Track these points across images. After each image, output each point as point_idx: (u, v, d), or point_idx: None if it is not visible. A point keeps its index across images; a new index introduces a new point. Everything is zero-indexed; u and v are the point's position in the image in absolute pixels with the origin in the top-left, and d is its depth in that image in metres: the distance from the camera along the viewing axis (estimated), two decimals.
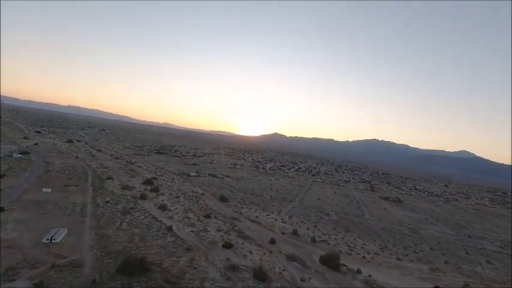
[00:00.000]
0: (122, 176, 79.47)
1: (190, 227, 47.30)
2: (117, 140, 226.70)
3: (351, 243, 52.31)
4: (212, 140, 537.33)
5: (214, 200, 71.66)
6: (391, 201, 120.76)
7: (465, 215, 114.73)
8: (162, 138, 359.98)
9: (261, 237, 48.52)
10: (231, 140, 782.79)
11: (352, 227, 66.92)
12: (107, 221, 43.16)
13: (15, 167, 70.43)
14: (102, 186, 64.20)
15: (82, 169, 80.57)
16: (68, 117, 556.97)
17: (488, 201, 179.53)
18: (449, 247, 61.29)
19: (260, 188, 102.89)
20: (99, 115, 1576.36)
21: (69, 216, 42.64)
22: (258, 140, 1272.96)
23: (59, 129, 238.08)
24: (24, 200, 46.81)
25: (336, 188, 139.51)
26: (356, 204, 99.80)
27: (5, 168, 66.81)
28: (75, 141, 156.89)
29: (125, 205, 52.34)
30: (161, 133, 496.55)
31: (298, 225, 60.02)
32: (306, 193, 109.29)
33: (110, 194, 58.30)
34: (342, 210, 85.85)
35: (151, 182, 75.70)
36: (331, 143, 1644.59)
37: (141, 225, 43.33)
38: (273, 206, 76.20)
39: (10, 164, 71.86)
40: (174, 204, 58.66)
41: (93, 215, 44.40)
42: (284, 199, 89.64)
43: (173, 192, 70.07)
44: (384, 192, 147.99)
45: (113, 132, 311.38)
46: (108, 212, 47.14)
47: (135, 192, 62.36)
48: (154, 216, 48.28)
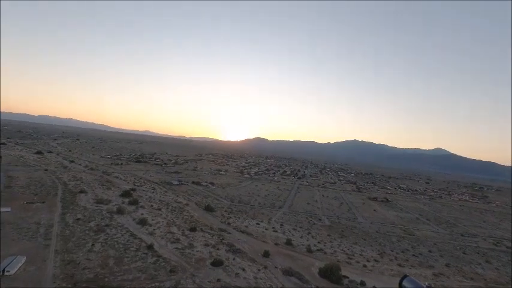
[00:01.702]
0: (96, 189, 72.79)
1: (174, 244, 42.38)
2: (93, 150, 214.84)
3: (349, 251, 49.25)
4: (194, 147, 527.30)
5: (200, 210, 66.74)
6: (380, 201, 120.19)
7: (452, 212, 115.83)
8: (141, 146, 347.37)
9: (253, 250, 44.44)
10: (213, 145, 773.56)
11: (346, 232, 64.11)
12: (77, 242, 37.54)
13: None
14: (73, 201, 57.68)
15: (51, 183, 73.17)
16: (39, 127, 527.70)
17: (469, 197, 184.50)
18: (446, 248, 59.83)
19: (247, 195, 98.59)
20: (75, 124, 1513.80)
21: (30, 239, 36.64)
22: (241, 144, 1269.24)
23: (28, 140, 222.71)
24: None
25: (323, 191, 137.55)
26: (346, 207, 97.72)
27: None
28: (46, 153, 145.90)
29: (99, 222, 46.57)
30: (141, 141, 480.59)
31: (291, 234, 56.37)
32: (295, 197, 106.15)
33: (82, 209, 52.15)
34: (334, 214, 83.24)
35: (129, 193, 69.63)
36: (312, 145, 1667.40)
37: (117, 245, 38.04)
38: (263, 214, 72.21)
39: None
40: (155, 218, 53.38)
41: (60, 237, 38.58)
42: (273, 205, 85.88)
43: (154, 204, 64.51)
44: (371, 193, 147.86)
45: (89, 142, 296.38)
46: (79, 231, 41.36)
47: (111, 206, 56.44)
48: (133, 233, 43.00)
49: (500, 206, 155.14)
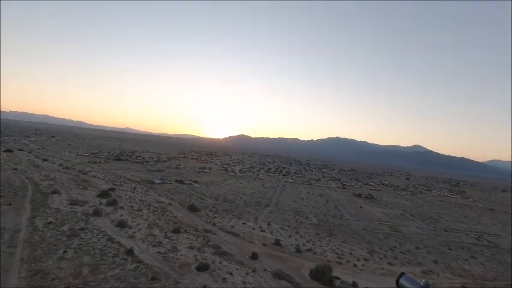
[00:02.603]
0: (71, 189, 67.93)
1: (156, 247, 39.43)
2: (69, 148, 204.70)
3: (338, 250, 48.27)
4: (177, 144, 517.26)
5: (183, 210, 63.84)
6: (365, 198, 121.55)
7: (434, 207, 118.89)
8: (122, 143, 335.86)
9: (241, 251, 42.35)
10: (196, 143, 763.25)
11: (334, 230, 63.47)
12: (47, 249, 33.80)
13: None
14: (44, 203, 52.97)
15: (20, 183, 67.53)
16: (10, 123, 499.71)
17: (448, 192, 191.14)
18: (432, 244, 60.47)
19: (232, 193, 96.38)
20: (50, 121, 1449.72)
21: None
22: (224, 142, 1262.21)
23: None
24: None
25: (308, 188, 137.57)
26: (333, 204, 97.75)
27: None
28: (16, 151, 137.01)
29: (73, 225, 42.70)
30: (121, 138, 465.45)
31: (279, 233, 54.82)
32: (280, 195, 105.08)
33: (54, 212, 47.78)
34: (320, 212, 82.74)
35: (108, 193, 65.38)
36: (296, 142, 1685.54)
37: (93, 251, 34.61)
38: (249, 213, 70.36)
39: None
40: (135, 219, 49.92)
41: (27, 243, 34.62)
42: (259, 204, 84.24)
43: (135, 205, 60.84)
44: (356, 189, 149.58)
45: (65, 139, 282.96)
46: (50, 236, 37.46)
47: (87, 208, 52.30)
48: (111, 237, 39.58)
49: (477, 200, 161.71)
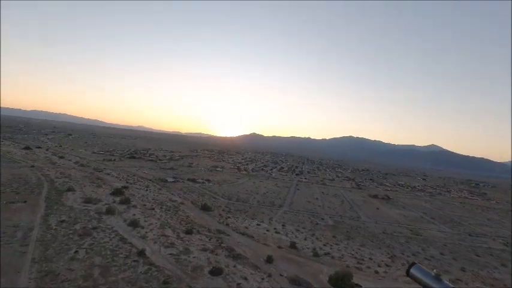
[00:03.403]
0: (86, 187, 68.36)
1: (168, 248, 38.42)
2: (85, 145, 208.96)
3: (357, 254, 45.91)
4: (189, 142, 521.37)
5: (196, 210, 62.92)
6: (381, 199, 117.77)
7: (455, 209, 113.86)
8: (136, 141, 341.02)
9: (255, 254, 40.81)
10: (209, 141, 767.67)
11: (352, 232, 60.98)
12: (58, 248, 33.32)
13: None
14: (59, 200, 53.20)
15: (37, 180, 68.51)
16: (30, 122, 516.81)
17: (468, 194, 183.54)
18: (457, 249, 57.07)
19: (245, 192, 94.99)
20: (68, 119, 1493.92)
21: (4, 246, 32.20)
22: (237, 140, 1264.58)
23: (17, 135, 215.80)
24: None
25: (322, 188, 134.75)
26: (348, 205, 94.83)
27: None
28: (35, 148, 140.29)
29: (86, 224, 42.34)
30: (135, 136, 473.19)
31: (295, 235, 52.94)
32: (294, 195, 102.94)
33: (67, 210, 47.76)
34: (336, 213, 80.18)
35: (121, 191, 65.38)
36: (308, 141, 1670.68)
37: (104, 251, 33.91)
38: (263, 213, 68.72)
39: None
40: (148, 218, 49.32)
41: (39, 242, 34.29)
42: (273, 204, 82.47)
43: (147, 203, 60.46)
44: (371, 190, 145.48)
45: (81, 137, 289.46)
46: (62, 235, 37.09)
47: (101, 206, 52.14)
48: (123, 237, 38.89)
49: (500, 203, 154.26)
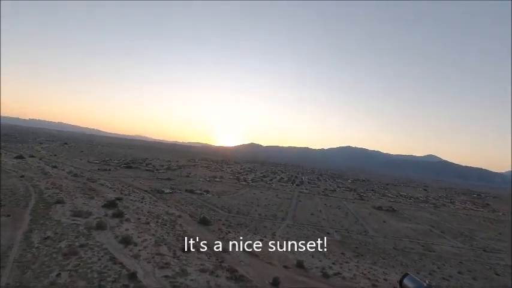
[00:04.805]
0: (77, 198, 64.36)
1: (162, 270, 34.36)
2: (80, 155, 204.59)
3: (370, 274, 42.00)
4: (188, 152, 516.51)
5: (194, 224, 58.92)
6: (386, 211, 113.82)
7: (462, 222, 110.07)
8: (133, 151, 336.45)
9: (259, 275, 36.86)
10: (207, 150, 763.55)
11: (361, 248, 57.03)
12: (38, 271, 29.29)
13: None
14: (46, 214, 49.19)
15: (25, 191, 64.54)
16: (27, 131, 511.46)
17: (471, 205, 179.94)
18: (475, 267, 53.26)
19: (245, 204, 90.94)
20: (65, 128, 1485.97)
21: None
22: (235, 150, 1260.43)
23: (11, 144, 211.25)
24: None
25: (325, 199, 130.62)
26: (353, 218, 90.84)
27: None
28: (28, 157, 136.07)
29: (73, 241, 38.29)
30: (133, 145, 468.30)
31: (301, 253, 48.92)
32: (297, 207, 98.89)
33: (54, 225, 43.77)
34: (342, 227, 76.18)
35: (114, 204, 61.40)
36: (306, 151, 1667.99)
37: (91, 274, 29.87)
38: (265, 227, 64.72)
39: None
40: (142, 234, 45.31)
41: (17, 263, 30.27)
42: (275, 216, 78.49)
43: (142, 217, 56.42)
44: (374, 201, 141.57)
45: (77, 146, 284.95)
46: (44, 255, 33.08)
47: (91, 220, 48.13)
48: (113, 256, 34.89)
49: (506, 215, 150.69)
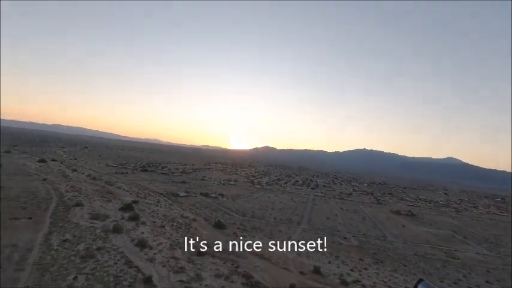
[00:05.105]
0: (95, 201, 65.59)
1: (177, 274, 34.16)
2: (99, 158, 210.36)
3: (391, 282, 40.15)
4: (202, 155, 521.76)
5: (209, 228, 58.64)
6: (404, 215, 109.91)
7: (486, 227, 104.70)
8: (149, 154, 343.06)
9: (275, 281, 35.94)
10: (221, 154, 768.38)
11: (379, 254, 54.94)
12: (57, 274, 29.66)
13: None
14: (65, 216, 50.25)
15: (46, 194, 66.36)
16: (50, 135, 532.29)
17: (496, 209, 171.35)
18: (503, 276, 50.13)
19: (260, 208, 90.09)
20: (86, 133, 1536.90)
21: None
22: (249, 153, 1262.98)
23: (35, 148, 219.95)
24: None
25: (340, 203, 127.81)
26: (371, 223, 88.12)
27: None
28: (50, 161, 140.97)
29: (90, 244, 38.81)
30: (149, 149, 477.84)
31: (317, 258, 47.65)
32: (312, 211, 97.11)
33: (73, 228, 44.59)
34: (359, 232, 73.92)
35: (130, 207, 62.23)
36: (321, 154, 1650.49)
37: (107, 278, 29.97)
38: (280, 232, 63.67)
39: None
40: (157, 237, 45.45)
41: (37, 266, 30.80)
42: (290, 220, 77.20)
43: (157, 220, 56.76)
44: (392, 205, 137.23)
45: (96, 150, 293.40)
46: (62, 257, 33.58)
47: (108, 223, 48.78)
48: (129, 260, 35.00)
49: None
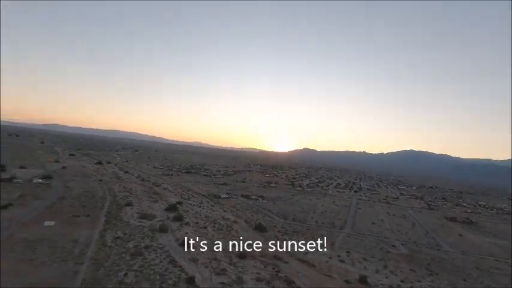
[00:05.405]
0: (143, 201, 69.85)
1: (219, 276, 34.62)
2: (148, 161, 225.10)
3: None
4: (243, 157, 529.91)
5: (250, 230, 58.69)
6: (462, 223, 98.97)
7: None
8: (193, 156, 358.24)
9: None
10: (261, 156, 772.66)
11: (434, 265, 49.93)
12: (110, 269, 31.94)
13: (29, 193, 63.62)
14: (117, 215, 54.29)
15: (102, 194, 72.39)
16: (106, 140, 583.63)
17: None
18: None
19: (301, 211, 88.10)
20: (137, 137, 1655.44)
21: (61, 263, 32.06)
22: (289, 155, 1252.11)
23: (93, 152, 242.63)
24: (16, 239, 37.55)
25: (387, 207, 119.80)
26: (422, 230, 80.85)
27: (16, 195, 60.07)
28: (106, 163, 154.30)
29: (139, 242, 41.25)
30: (192, 152, 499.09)
31: (363, 266, 44.84)
32: (356, 215, 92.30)
33: (124, 226, 47.94)
34: (409, 239, 68.18)
35: (175, 207, 65.09)
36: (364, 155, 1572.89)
37: (153, 276, 31.49)
38: (322, 236, 61.35)
39: (24, 191, 65.26)
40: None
41: (93, 260, 33.52)
42: (332, 224, 74.17)
43: (200, 221, 58.42)
44: (446, 211, 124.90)
45: (146, 153, 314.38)
46: (115, 253, 36.15)
47: (155, 223, 51.58)
48: (173, 259, 36.38)
49: None
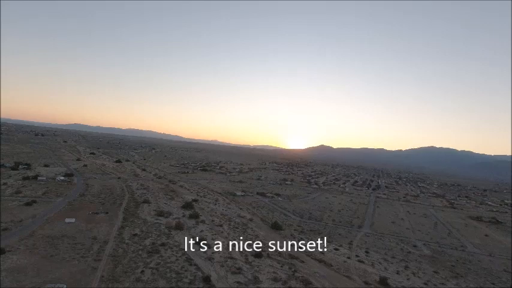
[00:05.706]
0: (160, 199, 70.69)
1: (235, 275, 34.25)
2: (165, 159, 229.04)
3: None
4: (258, 155, 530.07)
5: (266, 228, 58.12)
6: (487, 222, 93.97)
7: None
8: (208, 154, 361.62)
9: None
10: (277, 154, 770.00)
11: (459, 267, 47.55)
12: (127, 266, 32.27)
13: (52, 191, 65.86)
14: (135, 212, 55.13)
15: (120, 191, 73.90)
16: (125, 139, 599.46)
17: None
18: None
19: (318, 209, 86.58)
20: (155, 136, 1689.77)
21: (81, 259, 32.69)
22: (305, 152, 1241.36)
23: (113, 150, 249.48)
24: (38, 235, 38.69)
25: (406, 206, 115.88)
26: (444, 229, 77.44)
27: (40, 193, 62.30)
28: (124, 161, 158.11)
29: (155, 240, 41.58)
30: (208, 150, 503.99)
31: (383, 267, 43.29)
32: (374, 214, 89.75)
33: (141, 223, 48.55)
34: (431, 239, 65.36)
35: (191, 205, 65.37)
36: (382, 152, 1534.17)
37: (170, 273, 31.53)
38: (340, 235, 59.96)
39: (48, 188, 67.65)
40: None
41: (111, 257, 33.99)
42: (350, 223, 72.34)
43: (216, 219, 58.37)
44: (470, 210, 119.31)
45: (163, 151, 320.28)
46: (132, 251, 36.53)
47: (171, 220, 51.88)
48: (189, 257, 36.32)
49: None
